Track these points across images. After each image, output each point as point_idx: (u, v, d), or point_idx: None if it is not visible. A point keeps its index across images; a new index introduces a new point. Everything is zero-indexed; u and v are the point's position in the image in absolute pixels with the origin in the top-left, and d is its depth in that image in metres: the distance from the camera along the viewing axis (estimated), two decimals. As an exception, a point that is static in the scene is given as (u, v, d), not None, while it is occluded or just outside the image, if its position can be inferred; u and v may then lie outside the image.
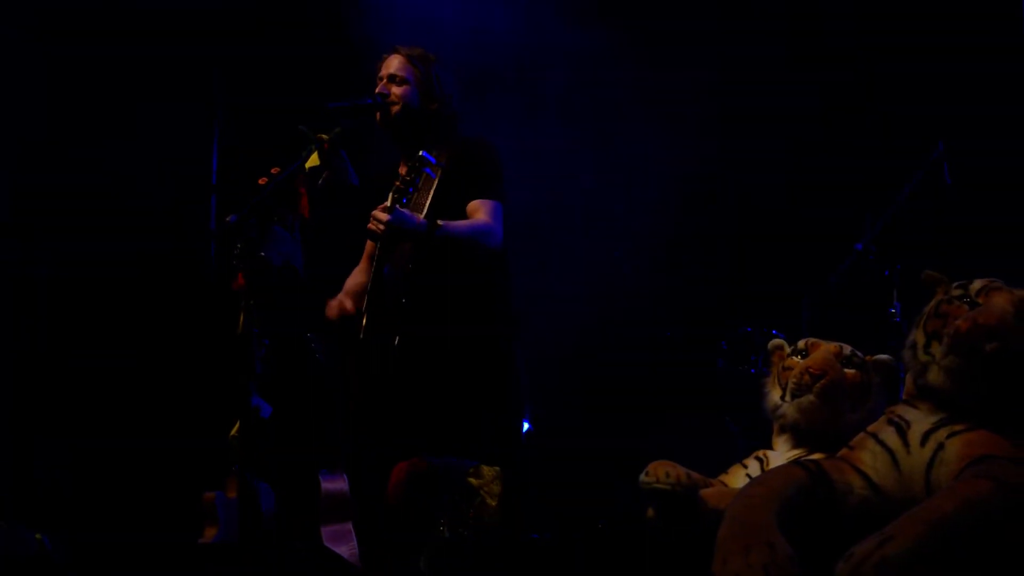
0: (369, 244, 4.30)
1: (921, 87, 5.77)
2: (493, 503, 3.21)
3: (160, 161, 5.75)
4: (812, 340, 2.96)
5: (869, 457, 2.38)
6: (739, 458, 3.02)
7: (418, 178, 3.71)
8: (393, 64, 4.11)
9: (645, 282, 6.38)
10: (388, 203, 3.72)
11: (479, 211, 3.96)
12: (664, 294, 6.37)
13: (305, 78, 5.73)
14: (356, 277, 4.29)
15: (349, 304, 4.10)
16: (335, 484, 3.85)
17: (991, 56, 5.62)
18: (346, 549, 3.70)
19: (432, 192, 3.97)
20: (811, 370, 2.84)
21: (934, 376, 2.37)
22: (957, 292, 2.44)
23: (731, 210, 6.59)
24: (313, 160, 3.63)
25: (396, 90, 4.06)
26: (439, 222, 3.82)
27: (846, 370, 2.87)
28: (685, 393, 6.09)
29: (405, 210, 3.74)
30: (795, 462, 2.45)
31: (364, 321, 3.87)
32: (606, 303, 6.47)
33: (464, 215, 3.94)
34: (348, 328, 4.10)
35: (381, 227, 3.71)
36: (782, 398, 2.90)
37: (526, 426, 6.02)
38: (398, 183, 3.74)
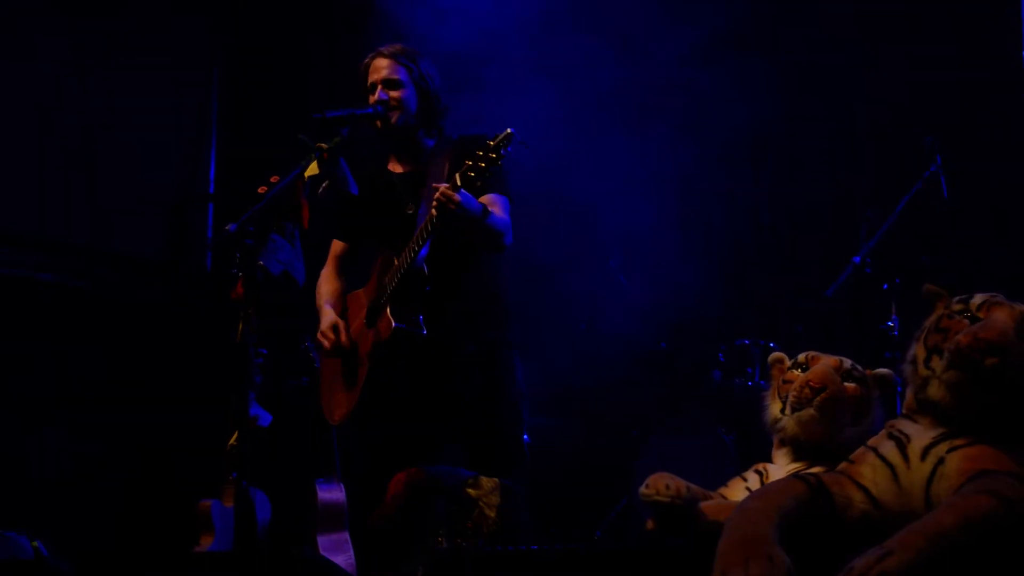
0: (336, 245, 4.25)
1: (919, 100, 5.79)
2: (492, 514, 3.21)
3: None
4: (812, 353, 2.96)
5: (869, 471, 2.38)
6: (737, 471, 3.01)
7: (502, 160, 3.59)
8: (384, 68, 4.04)
9: (642, 292, 6.39)
10: (459, 181, 3.62)
11: (494, 206, 3.90)
12: (662, 305, 6.37)
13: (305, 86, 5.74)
14: (331, 283, 4.21)
15: (343, 336, 4.02)
16: (332, 493, 3.85)
17: (990, 69, 5.64)
18: (343, 559, 3.70)
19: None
20: (811, 384, 2.83)
21: (934, 390, 2.37)
22: (958, 307, 2.44)
23: (729, 222, 6.60)
24: (312, 169, 3.61)
25: (394, 94, 4.01)
26: (488, 208, 3.79)
27: (846, 384, 2.87)
28: (682, 405, 6.10)
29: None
30: (795, 475, 2.45)
31: (388, 311, 3.84)
32: (603, 314, 6.47)
33: None
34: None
35: (452, 205, 3.61)
36: (782, 411, 2.90)
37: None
38: (469, 162, 3.62)
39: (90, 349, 5.36)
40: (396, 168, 4.15)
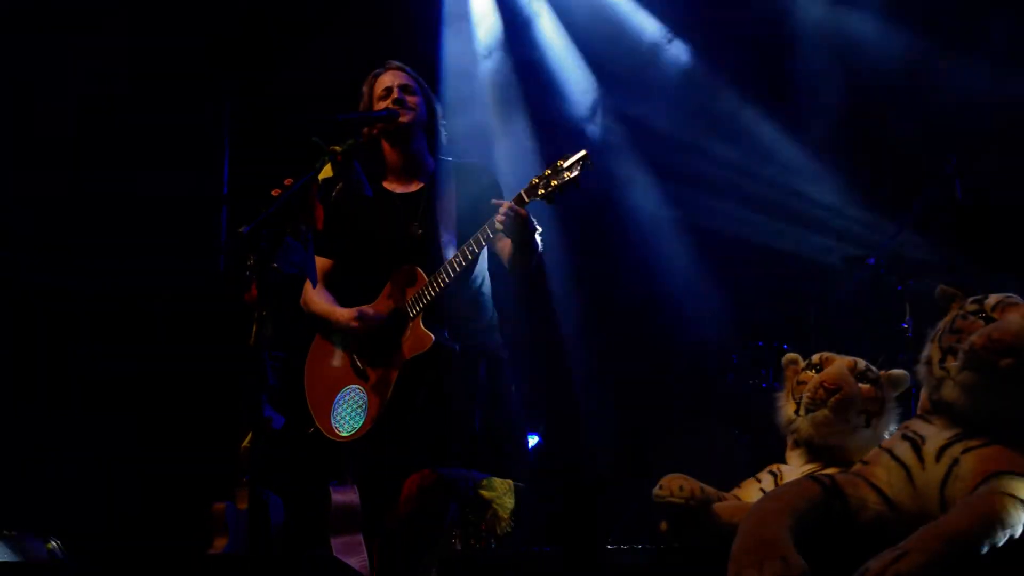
0: (319, 262, 4.21)
1: (934, 101, 5.76)
2: (505, 516, 3.21)
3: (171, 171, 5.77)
4: (826, 354, 2.96)
5: (883, 472, 2.37)
6: (751, 472, 3.01)
7: (576, 184, 3.64)
8: (400, 76, 4.08)
9: (657, 295, 6.38)
10: (525, 198, 3.68)
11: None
12: (677, 307, 6.37)
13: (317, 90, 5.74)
14: (325, 294, 4.12)
15: (373, 311, 4.02)
16: (345, 496, 3.85)
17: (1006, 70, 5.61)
18: (356, 560, 3.70)
19: (456, 207, 3.97)
20: (826, 384, 2.83)
21: (949, 391, 2.37)
22: (972, 307, 2.43)
23: (745, 224, 6.58)
24: (326, 171, 3.61)
25: (411, 99, 4.05)
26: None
27: (860, 385, 2.86)
28: (696, 406, 6.09)
29: None
30: (809, 476, 2.45)
31: (421, 324, 3.85)
32: (617, 316, 6.47)
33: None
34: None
35: (519, 221, 3.67)
36: (796, 412, 2.89)
37: (535, 439, 6.03)
38: (537, 180, 3.68)
39: (101, 350, 5.37)
40: (394, 187, 4.12)
